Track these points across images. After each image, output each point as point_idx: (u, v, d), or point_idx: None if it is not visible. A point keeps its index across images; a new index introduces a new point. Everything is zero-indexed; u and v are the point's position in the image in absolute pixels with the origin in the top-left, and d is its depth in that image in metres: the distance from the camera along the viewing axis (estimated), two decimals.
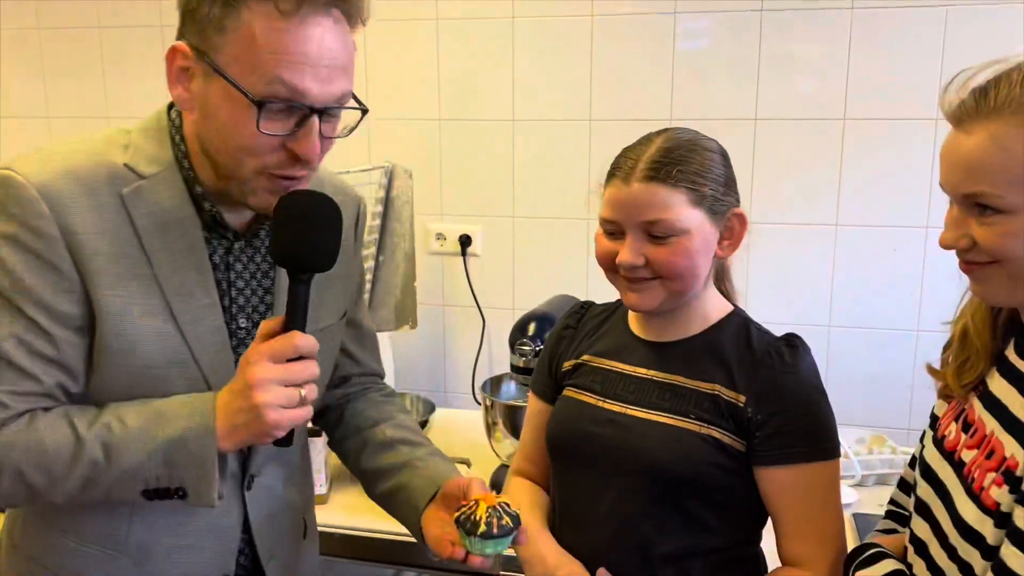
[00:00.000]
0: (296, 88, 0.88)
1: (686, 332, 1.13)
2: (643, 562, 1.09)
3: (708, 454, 1.07)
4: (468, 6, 2.18)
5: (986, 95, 0.81)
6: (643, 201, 1.05)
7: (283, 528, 1.14)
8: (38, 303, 0.92)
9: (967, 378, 0.93)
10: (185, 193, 0.98)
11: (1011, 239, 0.80)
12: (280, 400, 0.91)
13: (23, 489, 0.93)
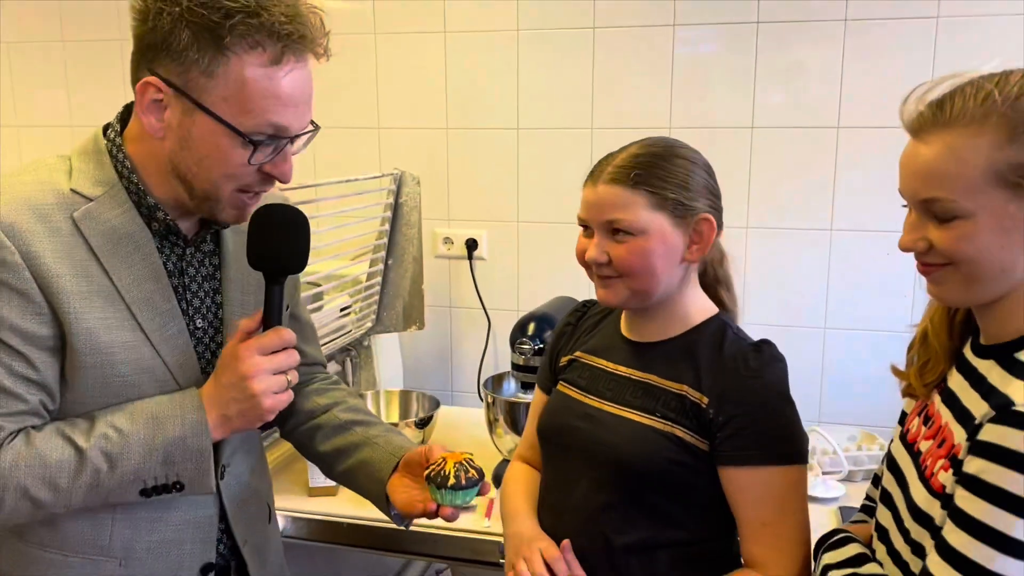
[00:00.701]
0: (281, 126, 0.99)
1: (666, 334, 1.18)
2: (607, 551, 1.14)
3: (670, 451, 1.11)
4: (474, 20, 2.25)
5: (942, 108, 0.86)
6: (606, 202, 1.11)
7: (253, 514, 1.21)
8: (12, 328, 0.96)
9: (929, 378, 0.99)
10: (132, 208, 1.04)
11: (965, 242, 0.86)
12: (273, 387, 1.02)
13: (27, 505, 0.99)
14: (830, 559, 1.03)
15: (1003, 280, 0.86)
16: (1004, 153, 0.82)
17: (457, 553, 1.58)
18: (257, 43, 0.95)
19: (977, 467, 0.81)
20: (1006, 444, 0.79)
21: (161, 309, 1.06)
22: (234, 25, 0.94)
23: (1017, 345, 0.87)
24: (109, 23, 2.52)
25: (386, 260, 2.16)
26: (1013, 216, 0.83)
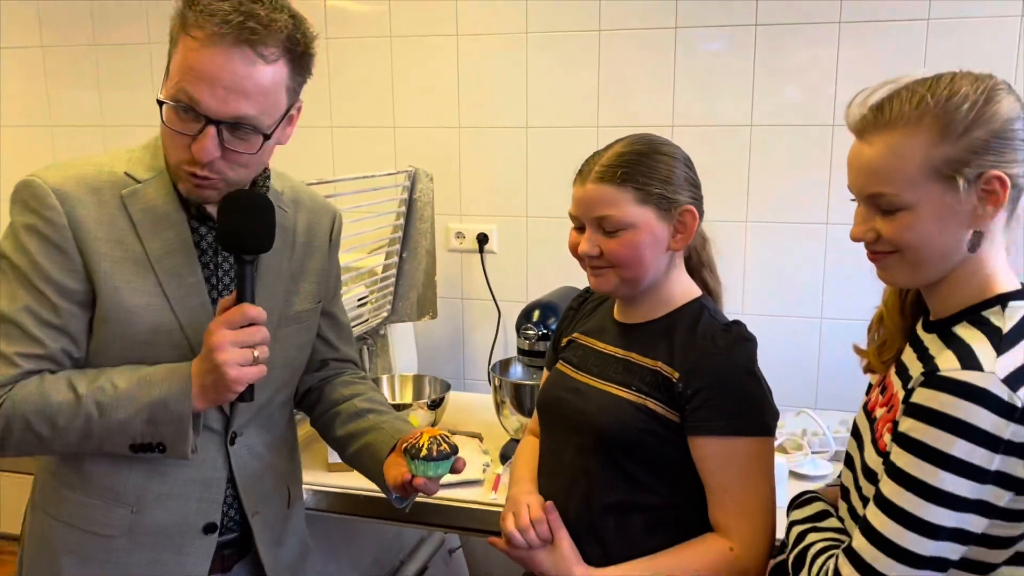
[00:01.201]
0: (193, 97, 1.05)
1: (651, 315, 1.27)
2: (587, 510, 1.24)
3: (642, 421, 1.20)
4: (485, 23, 2.35)
5: (882, 111, 0.96)
6: (595, 199, 1.20)
7: (266, 488, 1.29)
8: (47, 279, 1.10)
9: (886, 355, 1.09)
10: (173, 193, 1.16)
11: (909, 231, 0.95)
12: (237, 359, 1.09)
13: (31, 438, 1.11)
14: (796, 516, 1.13)
15: (944, 263, 0.96)
16: (938, 150, 0.92)
17: (465, 523, 1.69)
18: (200, 25, 1.04)
19: (906, 425, 0.91)
20: (930, 404, 0.89)
21: (187, 281, 1.17)
22: (190, 13, 1.05)
23: (955, 319, 0.97)
24: (139, 27, 2.64)
25: (401, 253, 2.26)
26: (950, 206, 0.93)
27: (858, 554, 0.95)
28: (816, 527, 1.09)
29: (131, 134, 2.72)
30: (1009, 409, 0.87)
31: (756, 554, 1.19)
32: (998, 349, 0.90)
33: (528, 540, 1.24)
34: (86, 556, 1.20)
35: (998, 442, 0.87)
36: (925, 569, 0.91)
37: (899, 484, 0.91)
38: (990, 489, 0.89)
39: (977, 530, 0.91)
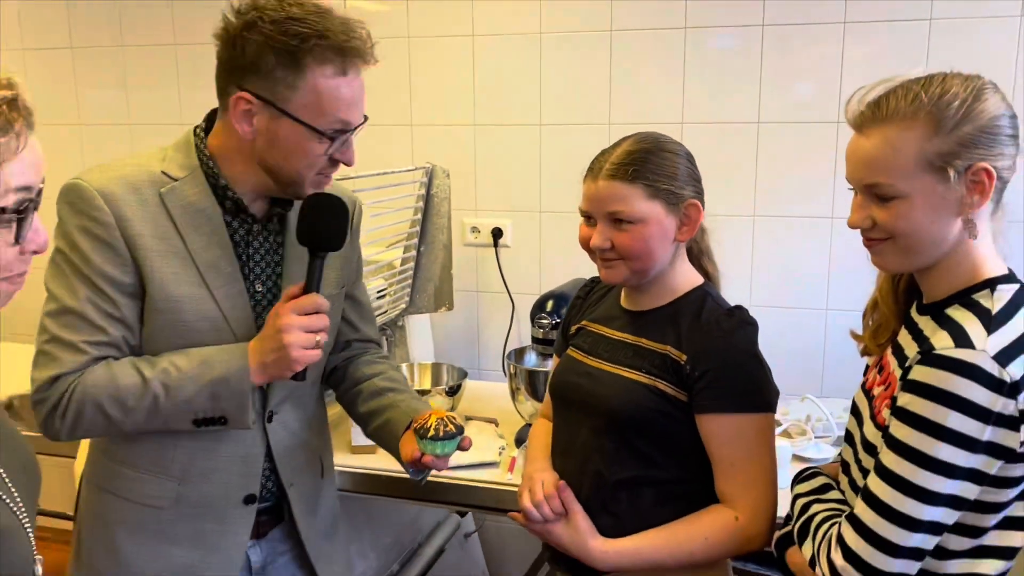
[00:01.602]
0: (348, 122, 1.22)
1: (657, 303, 1.34)
2: (601, 486, 1.31)
3: (653, 402, 1.27)
4: (500, 23, 2.43)
5: (879, 107, 1.03)
6: (606, 195, 1.27)
7: (301, 462, 1.38)
8: (101, 274, 1.19)
9: (881, 338, 1.16)
10: (208, 190, 1.25)
11: (903, 219, 1.02)
12: (302, 342, 1.21)
13: (102, 419, 1.20)
14: (800, 489, 1.21)
15: (935, 249, 1.03)
16: (931, 143, 0.99)
17: (484, 502, 1.77)
18: (327, 59, 1.17)
19: (905, 400, 0.99)
20: (927, 380, 0.96)
21: (224, 271, 1.26)
22: (309, 48, 1.15)
23: (948, 302, 1.04)
24: (164, 29, 2.73)
25: (418, 247, 2.34)
26: (941, 195, 1.00)
27: (860, 520, 1.02)
28: (819, 499, 1.16)
29: (157, 132, 2.83)
30: (999, 384, 0.94)
31: (760, 522, 1.26)
32: (988, 329, 0.97)
33: (543, 514, 1.32)
34: (137, 526, 1.29)
35: (989, 414, 0.94)
36: (923, 533, 0.99)
37: (898, 454, 0.99)
38: (982, 458, 0.96)
39: (971, 496, 0.98)
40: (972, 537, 1.03)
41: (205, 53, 2.70)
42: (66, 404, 1.18)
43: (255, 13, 1.16)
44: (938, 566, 1.04)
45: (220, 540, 1.31)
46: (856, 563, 1.02)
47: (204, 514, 1.30)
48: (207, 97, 2.84)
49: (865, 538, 1.01)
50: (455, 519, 2.50)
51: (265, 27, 1.15)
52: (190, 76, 2.75)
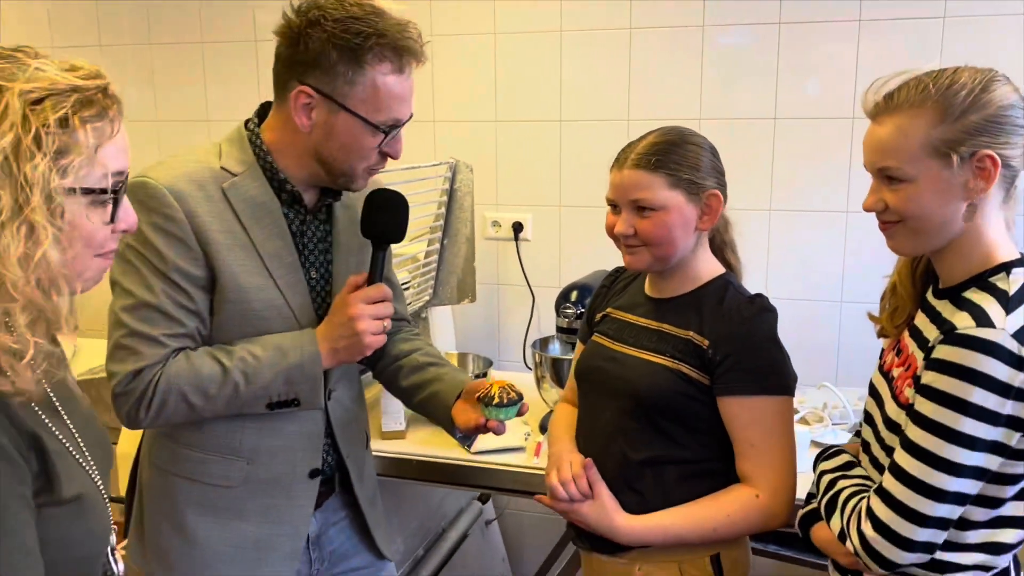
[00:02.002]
0: (400, 118, 1.29)
1: (680, 290, 1.40)
2: (625, 466, 1.38)
3: (676, 384, 1.33)
4: (521, 21, 2.48)
5: (892, 97, 1.09)
6: (630, 184, 1.34)
7: (353, 434, 1.47)
8: (176, 269, 1.25)
9: (898, 320, 1.22)
10: (266, 184, 1.31)
11: (911, 201, 1.08)
12: (373, 328, 1.30)
13: (185, 408, 1.27)
14: (824, 467, 1.26)
15: (943, 231, 1.09)
16: (937, 130, 1.05)
17: (510, 485, 1.84)
18: (384, 58, 1.23)
19: (929, 378, 1.04)
20: (951, 359, 1.02)
21: (286, 261, 1.33)
22: (370, 46, 1.21)
23: (964, 286, 1.09)
24: (191, 27, 2.80)
25: (442, 240, 2.39)
26: (947, 180, 1.06)
27: (889, 492, 1.08)
28: (845, 475, 1.22)
29: (184, 129, 2.89)
30: (1019, 360, 1.00)
31: (781, 500, 1.32)
32: (1007, 309, 1.03)
33: (570, 493, 1.38)
34: (207, 506, 1.35)
35: (1009, 389, 1.00)
36: (949, 503, 1.05)
37: (924, 429, 1.04)
38: (1003, 431, 1.02)
39: (993, 468, 1.04)
40: (992, 508, 1.08)
41: (231, 51, 2.82)
42: (151, 395, 1.24)
43: (317, 12, 1.22)
44: (960, 536, 1.09)
45: (287, 513, 1.38)
46: (886, 533, 1.07)
47: (272, 490, 1.37)
48: (233, 93, 2.92)
49: (894, 509, 1.07)
50: (477, 506, 2.57)
51: (328, 25, 1.20)
52: (216, 73, 2.81)
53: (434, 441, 1.92)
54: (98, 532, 0.95)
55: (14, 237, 0.79)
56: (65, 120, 0.81)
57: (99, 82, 0.86)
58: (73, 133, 0.82)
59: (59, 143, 0.81)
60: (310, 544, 1.44)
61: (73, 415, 0.96)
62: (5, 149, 0.78)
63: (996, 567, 1.11)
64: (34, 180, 0.79)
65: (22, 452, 0.84)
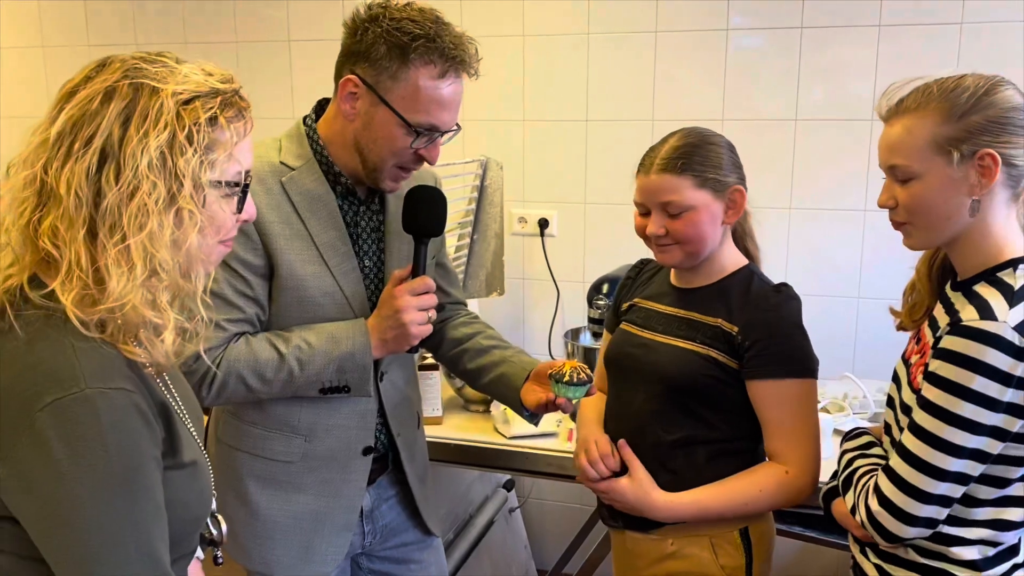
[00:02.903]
0: (437, 123, 1.33)
1: (706, 281, 1.47)
2: (658, 447, 1.45)
3: (706, 368, 1.40)
4: (549, 24, 2.56)
5: (902, 101, 1.17)
6: (658, 187, 1.40)
7: (405, 415, 1.54)
8: (237, 258, 1.33)
9: (916, 315, 1.30)
10: (322, 177, 1.39)
11: (918, 197, 1.16)
12: (418, 320, 1.36)
13: (243, 389, 1.35)
14: (847, 447, 1.34)
15: (950, 226, 1.16)
16: (942, 129, 1.13)
17: (543, 468, 1.91)
18: (431, 61, 1.29)
19: (935, 366, 1.12)
20: (954, 348, 1.10)
21: (340, 251, 1.40)
22: (418, 46, 1.28)
23: (976, 280, 1.17)
24: (226, 28, 2.87)
25: (472, 235, 2.47)
26: (951, 176, 1.13)
27: (894, 471, 1.16)
28: (863, 454, 1.29)
29: None
30: (1019, 351, 1.07)
31: (808, 475, 1.40)
32: (1010, 303, 1.10)
33: (599, 472, 1.46)
34: (268, 479, 1.44)
35: (1010, 378, 1.07)
36: (949, 482, 1.12)
37: (928, 413, 1.12)
38: (1003, 417, 1.09)
39: (993, 451, 1.11)
40: (999, 487, 1.16)
41: (264, 50, 2.89)
42: (212, 376, 1.31)
43: (380, 9, 1.30)
44: (968, 512, 1.17)
45: (342, 487, 1.46)
46: (890, 508, 1.15)
47: (328, 465, 1.44)
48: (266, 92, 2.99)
49: (898, 486, 1.15)
50: (502, 494, 2.64)
51: (385, 22, 1.28)
52: (250, 72, 2.88)
53: (469, 427, 2.01)
54: (206, 495, 1.03)
55: (167, 223, 0.87)
56: (214, 119, 0.89)
57: (234, 85, 0.94)
58: (220, 131, 0.90)
59: (208, 140, 0.89)
60: (363, 518, 1.52)
61: (177, 387, 1.04)
62: (162, 144, 0.86)
63: (1002, 543, 1.19)
64: (186, 172, 0.87)
65: (155, 417, 0.92)
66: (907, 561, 1.22)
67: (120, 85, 0.88)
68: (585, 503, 2.61)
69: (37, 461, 0.84)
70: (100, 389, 0.85)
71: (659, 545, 1.47)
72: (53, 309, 0.87)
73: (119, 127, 0.87)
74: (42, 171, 0.87)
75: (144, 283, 0.88)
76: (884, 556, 1.25)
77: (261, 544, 1.45)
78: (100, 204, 0.86)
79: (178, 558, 0.99)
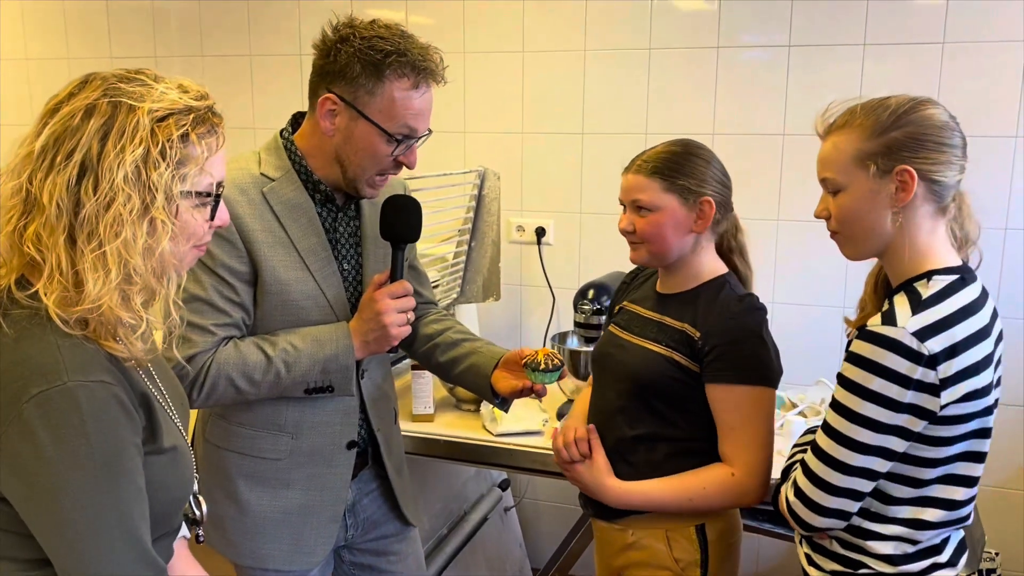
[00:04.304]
0: (415, 129, 1.42)
1: (682, 287, 1.54)
2: (622, 439, 1.53)
3: (668, 370, 1.47)
4: (548, 41, 2.66)
5: (834, 120, 1.26)
6: (631, 186, 1.51)
7: (383, 411, 1.61)
8: (223, 265, 1.40)
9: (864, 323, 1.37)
10: (301, 186, 1.46)
11: (844, 209, 1.23)
12: (398, 321, 1.45)
13: (232, 391, 1.41)
14: (796, 442, 1.43)
15: (874, 237, 1.23)
16: (863, 145, 1.20)
17: (528, 465, 2.00)
18: (404, 74, 1.38)
19: (843, 367, 1.20)
20: (857, 351, 1.18)
21: (321, 256, 1.48)
22: (391, 62, 1.37)
23: (897, 290, 1.24)
24: (240, 42, 3.00)
25: (470, 242, 2.56)
26: (871, 189, 1.20)
27: (807, 465, 1.24)
28: (804, 449, 1.37)
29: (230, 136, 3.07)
30: (916, 355, 1.13)
31: (754, 479, 1.46)
32: (914, 310, 1.16)
33: (571, 454, 1.56)
34: (257, 476, 1.52)
35: (908, 380, 1.14)
36: (855, 476, 1.20)
37: (835, 411, 1.21)
38: (905, 417, 1.16)
39: (899, 449, 1.18)
40: (914, 487, 1.22)
41: (277, 63, 3.01)
42: (203, 379, 1.39)
43: (349, 30, 1.39)
44: (885, 510, 1.24)
45: (328, 480, 1.54)
46: (803, 499, 1.24)
47: (314, 460, 1.52)
48: (278, 103, 3.11)
49: (809, 479, 1.23)
50: (497, 493, 2.73)
51: (356, 42, 1.37)
52: (263, 84, 3.01)
53: (459, 424, 2.10)
54: (187, 478, 1.12)
55: (140, 232, 0.95)
56: (185, 136, 0.97)
57: (208, 103, 1.02)
58: (191, 146, 0.98)
59: (180, 155, 0.97)
60: (346, 512, 1.60)
61: (163, 378, 1.13)
62: (137, 159, 0.94)
63: (920, 541, 1.25)
64: (159, 185, 0.95)
65: (136, 407, 1.00)
66: (830, 552, 1.30)
67: (100, 103, 0.95)
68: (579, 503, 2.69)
69: (25, 448, 0.92)
70: (81, 382, 0.93)
71: (622, 535, 1.55)
72: (38, 309, 0.94)
73: (98, 142, 0.93)
74: (27, 182, 0.94)
75: (119, 286, 0.95)
76: (813, 546, 1.34)
77: (252, 539, 1.52)
78: (79, 213, 0.93)
79: (161, 536, 1.08)
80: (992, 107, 2.30)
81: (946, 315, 1.17)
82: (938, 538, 1.26)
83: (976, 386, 1.17)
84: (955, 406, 1.16)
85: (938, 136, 1.20)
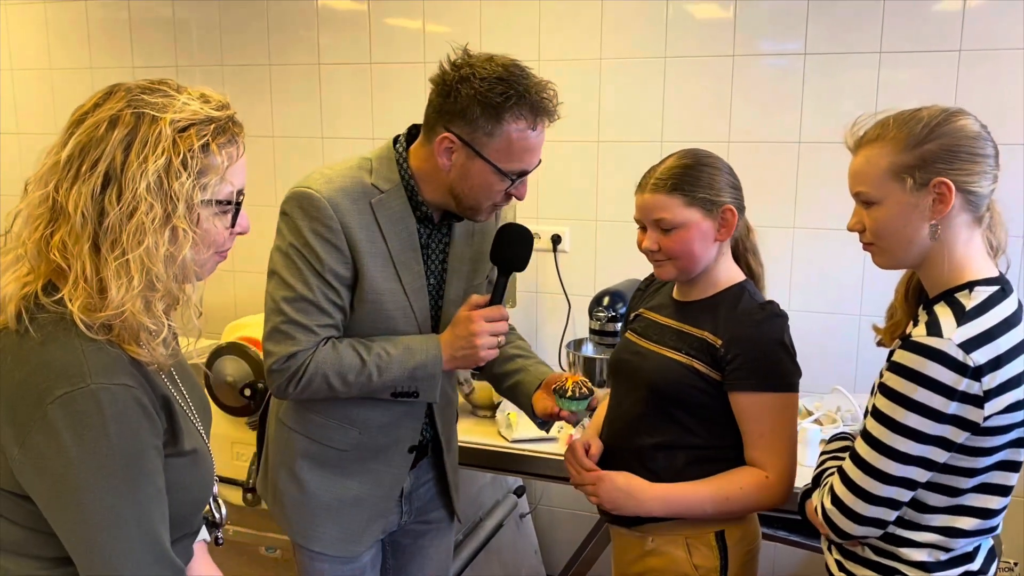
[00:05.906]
0: (528, 167, 1.49)
1: (702, 295, 1.55)
2: (641, 448, 1.54)
3: (688, 378, 1.48)
4: (564, 51, 2.68)
5: (865, 133, 1.27)
6: (651, 206, 1.50)
7: (448, 415, 1.71)
8: (329, 269, 1.46)
9: (896, 332, 1.37)
10: (407, 202, 1.52)
11: (880, 222, 1.24)
12: (488, 344, 1.52)
13: (326, 388, 1.48)
14: (824, 449, 1.43)
15: (911, 249, 1.24)
16: (898, 158, 1.21)
17: (542, 471, 2.02)
18: (521, 116, 1.42)
19: (885, 377, 1.21)
20: (901, 361, 1.18)
21: (414, 270, 1.54)
22: (511, 105, 1.40)
23: (937, 299, 1.24)
24: (260, 51, 3.03)
25: None
26: (908, 202, 1.21)
27: (846, 473, 1.24)
28: (835, 456, 1.38)
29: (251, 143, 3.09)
30: (962, 367, 1.14)
31: (785, 483, 1.48)
32: (959, 321, 1.17)
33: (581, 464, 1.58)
34: (319, 461, 1.60)
35: (953, 392, 1.14)
36: (895, 486, 1.20)
37: (876, 421, 1.21)
38: (948, 428, 1.16)
39: (940, 460, 1.18)
40: (950, 496, 1.23)
41: (296, 73, 3.04)
42: (301, 376, 1.46)
43: (469, 69, 1.41)
44: (920, 518, 1.25)
45: (384, 478, 1.61)
46: (841, 507, 1.24)
47: (376, 457, 1.60)
48: (296, 112, 3.13)
49: (848, 487, 1.23)
50: (512, 499, 2.74)
51: (476, 83, 1.39)
52: (282, 93, 3.04)
53: (475, 430, 2.12)
54: (207, 480, 1.14)
55: (161, 240, 0.98)
56: (206, 146, 1.00)
57: (228, 112, 1.05)
58: (212, 156, 1.01)
59: (201, 165, 1.00)
60: (403, 498, 1.67)
61: (185, 382, 1.16)
62: (159, 169, 0.97)
63: (954, 549, 1.25)
64: (180, 195, 0.98)
65: (157, 410, 1.03)
66: (863, 559, 1.30)
67: (123, 114, 0.98)
68: (595, 510, 2.67)
69: (48, 447, 0.94)
70: (104, 384, 0.96)
71: (640, 541, 1.56)
72: (63, 314, 0.97)
73: (121, 153, 0.96)
74: (54, 191, 0.97)
75: (141, 293, 0.97)
76: (844, 553, 1.33)
77: (307, 520, 1.61)
78: (103, 222, 0.96)
79: (181, 537, 1.10)
80: (1008, 115, 2.29)
81: (990, 327, 1.17)
82: (971, 546, 1.27)
83: (1018, 397, 1.18)
84: (997, 417, 1.17)
85: (972, 147, 1.20)
